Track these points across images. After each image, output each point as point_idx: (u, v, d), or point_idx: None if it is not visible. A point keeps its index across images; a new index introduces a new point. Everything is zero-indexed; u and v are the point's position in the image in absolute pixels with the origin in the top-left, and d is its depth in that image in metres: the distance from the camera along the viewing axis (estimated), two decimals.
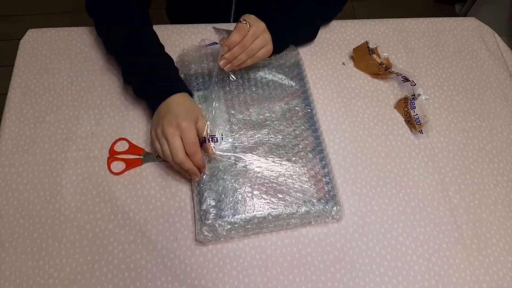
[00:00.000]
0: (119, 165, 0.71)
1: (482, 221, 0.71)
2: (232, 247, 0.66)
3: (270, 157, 0.70)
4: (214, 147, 0.69)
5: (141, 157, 0.72)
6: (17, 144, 0.72)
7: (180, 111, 0.67)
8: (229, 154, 0.70)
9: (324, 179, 0.69)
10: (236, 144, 0.71)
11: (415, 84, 0.78)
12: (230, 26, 0.85)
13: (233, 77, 0.77)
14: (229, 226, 0.65)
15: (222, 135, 0.71)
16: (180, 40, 0.84)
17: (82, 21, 0.83)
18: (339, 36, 0.87)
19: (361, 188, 0.72)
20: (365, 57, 0.81)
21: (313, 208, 0.66)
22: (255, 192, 0.67)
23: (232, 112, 0.74)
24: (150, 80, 0.72)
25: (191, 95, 0.73)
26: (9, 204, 0.68)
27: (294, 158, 0.70)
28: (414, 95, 0.77)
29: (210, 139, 0.68)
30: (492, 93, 0.84)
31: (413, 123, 0.76)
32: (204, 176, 0.68)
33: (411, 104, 0.76)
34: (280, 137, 0.72)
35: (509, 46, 0.90)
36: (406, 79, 0.78)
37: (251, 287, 0.64)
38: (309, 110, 0.75)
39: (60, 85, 0.78)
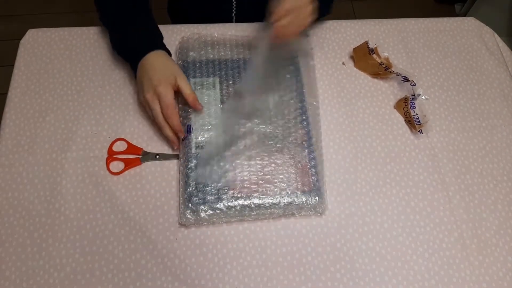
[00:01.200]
0: (119, 165, 0.71)
1: (482, 221, 0.71)
2: (232, 247, 0.66)
3: (259, 147, 0.71)
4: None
5: (140, 156, 0.72)
6: (17, 144, 0.72)
7: (155, 74, 0.69)
8: (218, 140, 0.71)
9: (310, 172, 0.69)
10: (227, 131, 0.71)
11: (415, 84, 0.78)
12: (231, 26, 0.85)
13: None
14: (211, 212, 0.65)
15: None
16: (180, 40, 0.84)
17: (83, 21, 0.83)
18: (339, 36, 0.87)
19: (361, 188, 0.72)
20: (365, 57, 0.81)
21: (296, 200, 0.67)
22: (240, 180, 0.68)
23: (226, 100, 0.74)
24: (125, 38, 0.75)
25: (168, 52, 0.75)
26: (9, 204, 0.68)
27: (283, 150, 0.71)
28: (414, 95, 0.77)
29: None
30: (492, 93, 0.84)
31: (413, 123, 0.76)
32: (192, 163, 0.69)
33: (411, 104, 0.76)
34: (271, 128, 0.72)
35: (509, 46, 0.90)
36: (406, 79, 0.78)
37: (251, 287, 0.64)
38: (302, 104, 0.76)
39: (60, 85, 0.78)
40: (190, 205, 0.65)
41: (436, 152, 0.76)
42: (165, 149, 0.73)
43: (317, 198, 0.67)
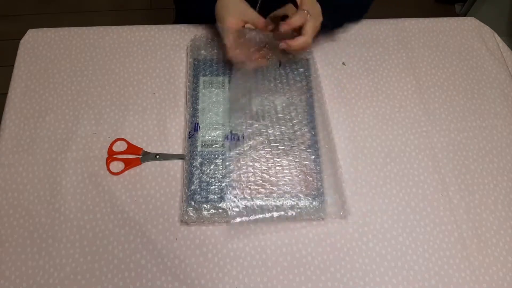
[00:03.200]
0: (119, 165, 0.71)
1: (482, 221, 0.71)
2: (232, 247, 0.66)
3: (265, 149, 0.71)
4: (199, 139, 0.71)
5: (140, 156, 0.72)
6: (17, 144, 0.72)
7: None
8: (225, 139, 0.71)
9: (315, 176, 0.69)
10: (233, 131, 0.72)
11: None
12: None
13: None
14: (214, 211, 0.65)
15: None
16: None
17: (83, 21, 0.83)
18: (339, 36, 0.87)
19: (361, 188, 0.72)
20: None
21: (299, 203, 0.67)
22: (244, 181, 0.68)
23: (235, 100, 0.75)
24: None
25: None
26: (9, 204, 0.68)
27: (288, 152, 0.71)
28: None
29: None
30: (492, 93, 0.84)
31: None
32: (197, 161, 0.69)
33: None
34: (278, 130, 0.73)
35: (509, 46, 0.90)
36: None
37: (251, 287, 0.64)
38: (310, 108, 0.76)
39: (60, 85, 0.78)
40: (193, 203, 0.66)
41: (436, 152, 0.76)
42: (165, 149, 0.73)
43: (320, 203, 0.67)
